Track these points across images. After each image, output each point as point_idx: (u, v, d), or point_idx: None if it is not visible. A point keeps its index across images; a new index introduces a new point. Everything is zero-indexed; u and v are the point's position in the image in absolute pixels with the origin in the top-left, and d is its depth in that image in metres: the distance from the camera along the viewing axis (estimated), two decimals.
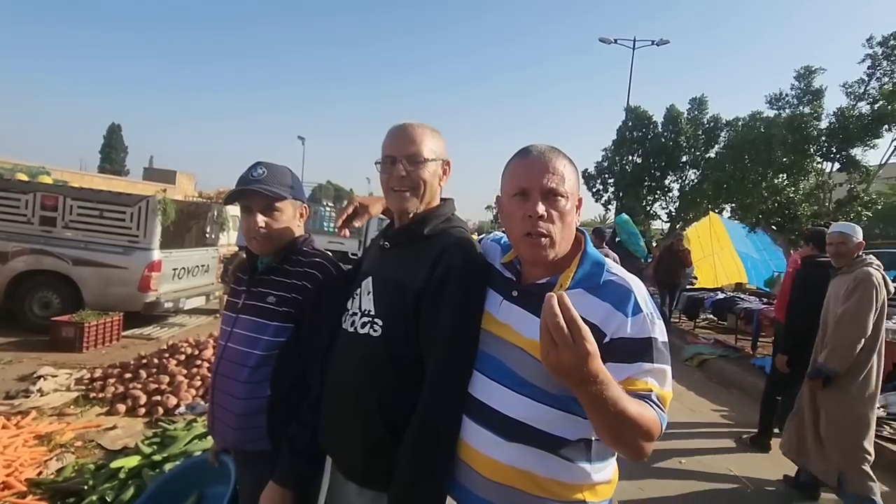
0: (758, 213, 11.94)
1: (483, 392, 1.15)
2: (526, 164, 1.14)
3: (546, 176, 1.11)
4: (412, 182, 1.30)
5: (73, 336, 5.45)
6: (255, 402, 1.44)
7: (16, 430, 3.29)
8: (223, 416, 1.49)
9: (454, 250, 1.24)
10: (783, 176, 12.02)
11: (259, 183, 1.48)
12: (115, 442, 3.37)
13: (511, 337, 1.13)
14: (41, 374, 4.50)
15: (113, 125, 57.49)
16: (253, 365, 1.44)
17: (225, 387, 1.48)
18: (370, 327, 1.28)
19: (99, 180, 20.21)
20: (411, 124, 1.34)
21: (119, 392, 4.11)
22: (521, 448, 1.09)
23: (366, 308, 1.31)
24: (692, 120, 21.89)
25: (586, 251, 1.17)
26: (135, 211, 6.17)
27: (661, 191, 23.17)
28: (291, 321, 1.46)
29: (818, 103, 11.45)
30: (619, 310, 1.05)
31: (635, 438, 0.97)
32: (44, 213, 6.13)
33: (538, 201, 1.10)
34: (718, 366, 6.76)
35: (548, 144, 1.17)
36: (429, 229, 1.30)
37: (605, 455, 1.14)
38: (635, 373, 1.02)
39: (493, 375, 1.15)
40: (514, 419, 1.10)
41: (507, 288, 1.21)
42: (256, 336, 1.46)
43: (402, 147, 1.30)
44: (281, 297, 1.46)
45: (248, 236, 1.52)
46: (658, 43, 20.81)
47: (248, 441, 1.46)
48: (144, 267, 6.11)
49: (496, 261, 1.28)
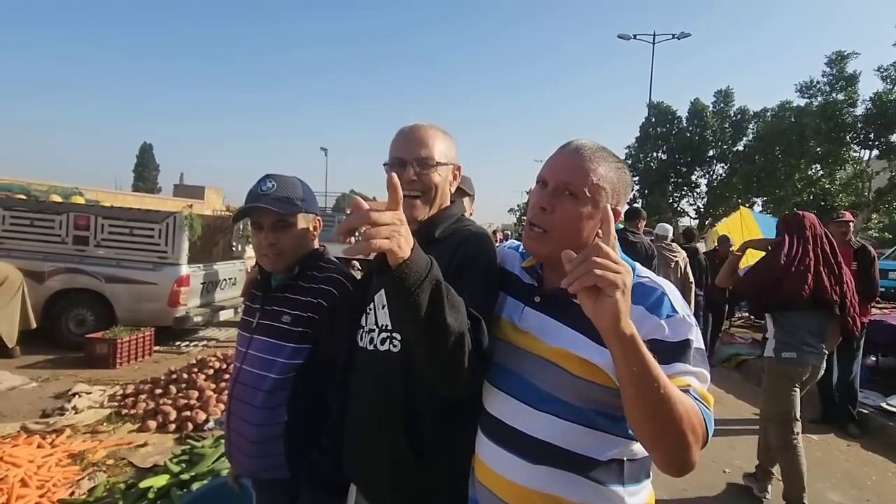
0: (792, 206, 11.54)
1: (502, 410, 1.07)
2: (557, 155, 1.08)
3: (566, 171, 1.04)
4: (423, 186, 1.22)
5: (107, 352, 5.56)
6: (271, 429, 1.39)
7: (50, 449, 3.34)
8: (239, 443, 1.44)
9: (470, 241, 1.17)
10: (817, 166, 11.63)
11: (268, 198, 1.42)
12: (146, 459, 3.38)
13: (534, 347, 1.05)
14: (76, 391, 4.59)
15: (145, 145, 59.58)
16: (268, 389, 1.39)
17: (240, 412, 1.43)
18: (390, 343, 1.20)
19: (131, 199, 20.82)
20: (422, 125, 1.26)
21: (150, 408, 4.16)
22: (547, 471, 1.00)
23: (382, 323, 1.23)
24: (718, 113, 21.37)
25: None
26: (162, 227, 6.28)
27: (688, 187, 22.68)
28: (307, 342, 1.40)
29: (853, 89, 11.01)
30: (652, 312, 0.97)
31: (683, 435, 0.83)
32: (77, 233, 6.29)
33: (549, 194, 1.04)
34: (758, 366, 6.47)
35: (596, 143, 1.08)
36: (440, 231, 1.23)
37: (639, 476, 1.04)
38: (672, 373, 0.92)
39: (513, 392, 1.06)
40: (539, 439, 1.01)
41: (528, 294, 1.12)
42: (272, 358, 1.40)
43: (414, 149, 1.23)
44: (296, 317, 1.41)
45: (259, 253, 1.47)
46: (679, 36, 20.29)
47: (266, 469, 1.41)
48: (173, 282, 6.20)
49: (515, 267, 1.20)
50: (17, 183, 8.97)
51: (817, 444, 4.22)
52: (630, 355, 0.80)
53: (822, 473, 3.66)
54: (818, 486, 3.52)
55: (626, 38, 20.72)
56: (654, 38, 20.43)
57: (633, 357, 0.80)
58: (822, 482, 3.58)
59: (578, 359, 0.98)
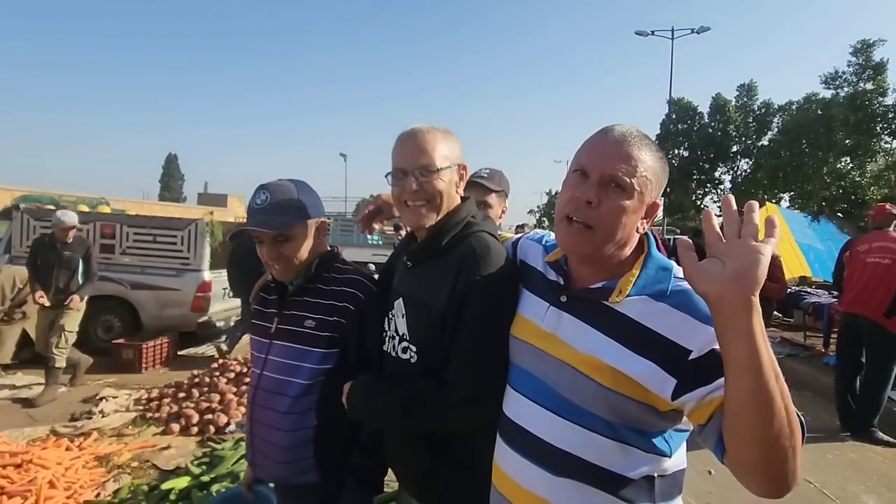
0: (820, 201, 11.22)
1: (524, 417, 1.01)
2: (599, 142, 0.97)
3: (613, 161, 0.93)
4: (427, 195, 1.19)
5: (133, 357, 5.69)
6: (301, 434, 1.37)
7: (78, 452, 3.42)
8: (266, 450, 1.41)
9: (470, 263, 1.13)
10: (846, 159, 11.27)
11: (262, 214, 1.35)
12: (169, 462, 3.44)
13: (560, 352, 0.98)
14: (103, 395, 4.70)
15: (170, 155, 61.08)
16: (295, 394, 1.36)
17: (265, 418, 1.40)
18: (409, 353, 1.21)
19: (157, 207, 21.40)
20: (421, 130, 1.23)
21: (174, 412, 4.23)
22: (572, 484, 0.94)
23: (402, 332, 1.24)
24: (741, 107, 20.93)
25: (650, 253, 0.99)
26: (185, 234, 6.40)
27: (712, 184, 22.25)
28: (336, 346, 1.36)
29: (882, 78, 10.66)
30: (702, 321, 0.86)
31: (790, 438, 0.73)
32: (103, 241, 6.46)
33: (594, 186, 0.93)
34: (787, 366, 6.28)
35: (637, 129, 0.98)
36: (447, 241, 1.20)
37: (671, 493, 0.98)
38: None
39: (537, 399, 1.00)
40: (562, 450, 0.95)
41: (553, 293, 1.05)
42: (297, 363, 1.37)
43: (413, 158, 1.20)
44: (321, 321, 1.37)
45: (268, 265, 1.43)
46: (698, 31, 19.93)
47: (296, 474, 1.39)
48: (196, 288, 6.31)
49: (538, 262, 1.14)
50: (48, 194, 9.27)
51: (850, 447, 4.06)
52: (758, 331, 0.72)
53: (856, 476, 3.52)
54: (852, 488, 3.39)
55: (644, 35, 20.44)
56: (672, 33, 20.15)
57: (759, 334, 0.72)
58: (855, 484, 3.44)
59: (611, 369, 0.91)
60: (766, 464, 0.76)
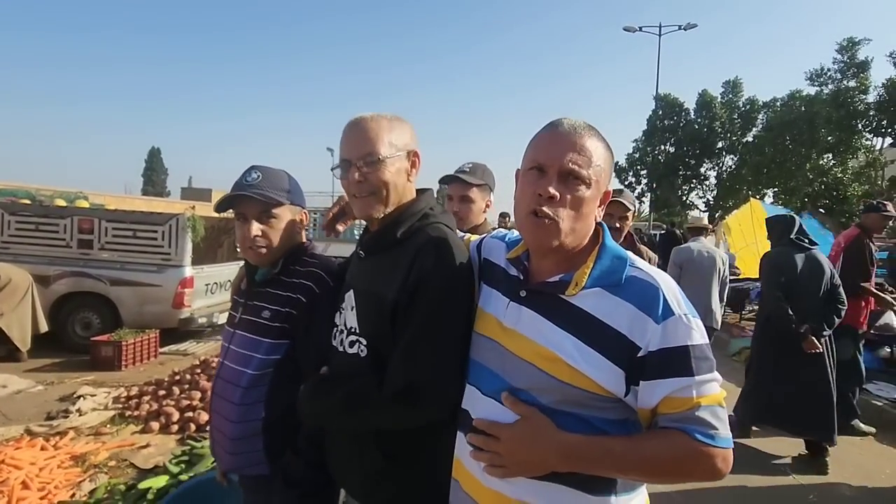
0: (803, 197, 11.39)
1: (482, 412, 1.00)
2: (551, 137, 0.98)
3: (569, 155, 0.94)
4: (371, 186, 1.16)
5: (112, 355, 5.58)
6: (249, 426, 1.36)
7: (53, 452, 3.34)
8: (219, 440, 1.42)
9: (426, 253, 1.09)
10: (829, 156, 11.44)
11: (253, 188, 1.38)
12: (148, 460, 3.38)
13: (519, 347, 0.98)
14: (81, 393, 4.60)
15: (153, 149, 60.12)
16: (246, 385, 1.36)
17: (220, 408, 1.41)
18: (358, 347, 1.17)
19: (140, 202, 20.97)
20: (364, 119, 1.19)
21: (153, 410, 4.16)
22: (531, 481, 0.94)
23: (351, 325, 1.20)
24: (727, 104, 21.13)
25: (604, 244, 0.99)
26: (165, 229, 6.28)
27: (698, 179, 22.49)
28: (286, 337, 1.36)
29: (865, 76, 10.83)
30: (647, 313, 0.89)
31: (681, 477, 0.95)
32: (81, 237, 6.32)
33: (553, 181, 0.94)
34: None
35: (584, 121, 1.00)
36: (402, 231, 1.17)
37: (633, 486, 0.98)
38: (673, 390, 0.87)
39: (493, 394, 0.99)
40: None
41: (513, 288, 1.05)
42: (250, 354, 1.37)
43: (356, 148, 1.16)
44: (275, 312, 1.37)
45: (244, 246, 1.43)
46: (685, 27, 20.05)
47: (246, 466, 1.39)
48: (177, 284, 6.20)
49: (500, 259, 1.13)
50: (23, 188, 9.04)
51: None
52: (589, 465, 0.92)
53: (834, 467, 3.57)
54: (830, 479, 3.44)
55: (632, 31, 20.51)
56: (660, 29, 20.24)
57: (589, 465, 0.92)
58: (834, 476, 3.49)
59: (566, 364, 0.92)
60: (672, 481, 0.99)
